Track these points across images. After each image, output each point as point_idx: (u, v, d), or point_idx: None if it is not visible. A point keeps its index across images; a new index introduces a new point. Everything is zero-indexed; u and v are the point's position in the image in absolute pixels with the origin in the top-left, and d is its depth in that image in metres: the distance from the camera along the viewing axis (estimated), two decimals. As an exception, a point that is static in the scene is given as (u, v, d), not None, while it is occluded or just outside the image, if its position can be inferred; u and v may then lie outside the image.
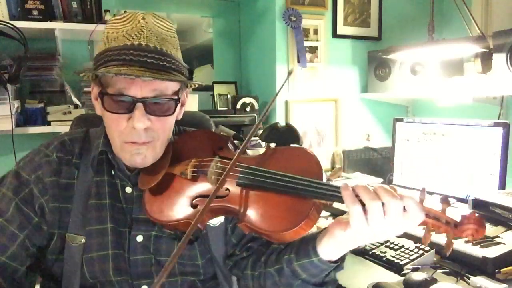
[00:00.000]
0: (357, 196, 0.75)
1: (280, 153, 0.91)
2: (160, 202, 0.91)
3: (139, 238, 0.96)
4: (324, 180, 0.82)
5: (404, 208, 0.73)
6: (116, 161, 0.98)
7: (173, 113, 0.92)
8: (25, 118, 1.91)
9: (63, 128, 1.86)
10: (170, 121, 0.94)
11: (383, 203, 0.73)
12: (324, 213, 1.76)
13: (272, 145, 1.76)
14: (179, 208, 0.89)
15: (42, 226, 0.94)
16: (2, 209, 0.92)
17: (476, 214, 0.75)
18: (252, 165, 0.87)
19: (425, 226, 0.77)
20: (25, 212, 0.93)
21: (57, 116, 1.91)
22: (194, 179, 0.91)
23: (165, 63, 0.87)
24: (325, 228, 0.86)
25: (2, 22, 1.71)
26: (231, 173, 0.84)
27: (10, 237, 0.91)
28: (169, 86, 0.90)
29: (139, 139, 0.89)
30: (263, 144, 1.98)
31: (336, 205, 0.84)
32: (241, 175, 0.86)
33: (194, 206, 0.88)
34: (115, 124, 0.90)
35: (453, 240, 0.76)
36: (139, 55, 0.84)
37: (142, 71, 0.84)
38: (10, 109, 1.75)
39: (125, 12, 0.94)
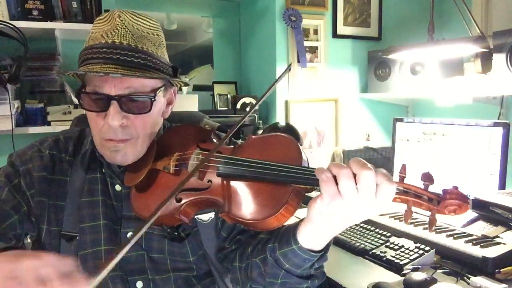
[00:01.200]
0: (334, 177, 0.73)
1: (260, 141, 0.91)
2: (146, 198, 0.92)
3: (130, 235, 0.95)
4: (305, 165, 0.81)
5: (377, 182, 0.70)
6: (104, 159, 0.98)
7: (149, 110, 0.91)
8: (25, 118, 1.91)
9: (63, 128, 1.86)
10: (150, 119, 0.93)
11: (354, 174, 0.71)
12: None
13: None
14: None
15: (30, 216, 0.95)
16: None
17: (458, 189, 0.73)
18: (231, 155, 0.88)
19: (406, 206, 0.75)
20: (16, 198, 0.94)
21: (57, 116, 1.91)
22: (177, 173, 0.91)
23: (139, 60, 0.87)
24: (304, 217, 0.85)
25: (2, 22, 1.71)
26: (212, 164, 0.85)
27: (3, 216, 0.91)
28: (147, 84, 0.90)
29: (115, 137, 0.89)
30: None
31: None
32: (219, 165, 0.85)
33: (178, 200, 0.87)
34: (93, 122, 0.91)
35: (436, 217, 0.73)
36: (112, 53, 0.85)
37: (114, 68, 0.84)
38: (10, 109, 1.75)
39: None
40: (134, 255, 0.96)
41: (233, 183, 0.85)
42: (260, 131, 2.10)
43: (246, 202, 0.82)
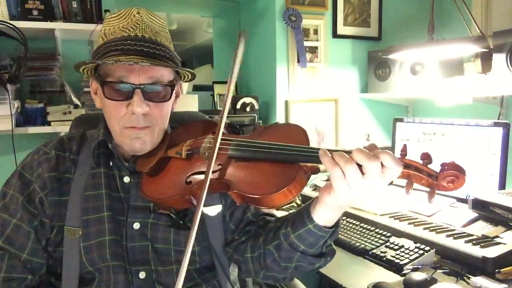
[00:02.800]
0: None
1: (268, 128, 0.98)
2: (156, 182, 0.96)
3: (136, 226, 0.99)
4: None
5: (382, 164, 0.74)
6: (116, 151, 1.02)
7: (169, 99, 0.98)
8: (25, 118, 1.91)
9: (63, 128, 1.87)
10: (167, 108, 1.00)
11: (359, 165, 0.75)
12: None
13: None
14: (174, 185, 0.94)
15: (44, 220, 0.98)
16: (13, 210, 0.97)
17: (456, 162, 0.77)
18: (241, 139, 0.93)
19: (407, 180, 0.79)
20: (30, 210, 0.97)
21: (57, 116, 1.91)
22: (189, 158, 0.97)
23: (160, 52, 0.94)
24: (316, 197, 0.88)
25: (2, 22, 1.71)
26: (223, 146, 0.90)
27: (25, 235, 0.96)
28: (165, 74, 0.96)
29: (138, 124, 0.94)
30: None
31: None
32: (231, 147, 0.91)
33: (188, 182, 0.92)
34: (115, 111, 0.95)
35: (436, 191, 0.78)
36: (136, 45, 0.91)
37: (140, 58, 0.90)
38: (10, 109, 1.75)
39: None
40: (138, 245, 0.99)
41: (243, 164, 0.89)
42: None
43: (255, 180, 0.86)
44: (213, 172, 0.88)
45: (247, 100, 2.37)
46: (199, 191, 0.87)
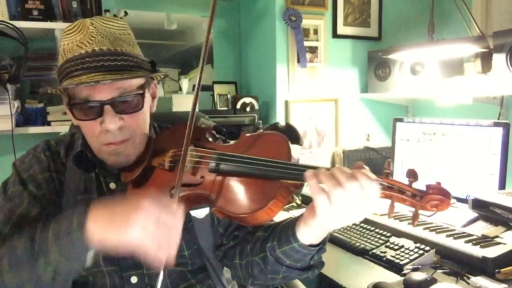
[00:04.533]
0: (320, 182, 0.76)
1: (251, 138, 0.94)
2: (141, 193, 0.93)
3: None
4: (294, 161, 0.85)
5: (361, 185, 0.73)
6: (97, 160, 1.00)
7: (142, 107, 0.95)
8: (25, 118, 1.91)
9: (63, 128, 1.87)
10: (142, 116, 0.96)
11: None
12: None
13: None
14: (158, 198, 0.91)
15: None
16: (17, 200, 0.94)
17: (441, 185, 0.75)
18: (223, 151, 0.90)
19: (390, 200, 0.78)
20: (34, 204, 0.95)
21: (57, 116, 1.91)
22: (172, 169, 0.93)
23: (122, 62, 0.90)
24: (301, 214, 0.87)
25: (2, 22, 1.71)
26: (204, 160, 0.89)
27: (37, 214, 0.93)
28: (134, 83, 0.93)
29: (114, 139, 0.92)
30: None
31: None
32: (211, 161, 0.88)
33: (171, 195, 0.89)
34: (89, 130, 0.93)
35: (419, 212, 0.76)
36: (94, 61, 0.87)
37: (102, 75, 0.87)
38: (10, 109, 1.75)
39: (76, 19, 0.97)
40: None
41: (224, 179, 0.87)
42: (260, 132, 2.10)
43: (236, 197, 0.84)
44: (194, 185, 0.88)
45: (247, 100, 2.37)
46: (183, 205, 0.84)
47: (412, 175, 0.77)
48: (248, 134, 0.95)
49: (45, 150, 1.02)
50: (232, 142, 1.01)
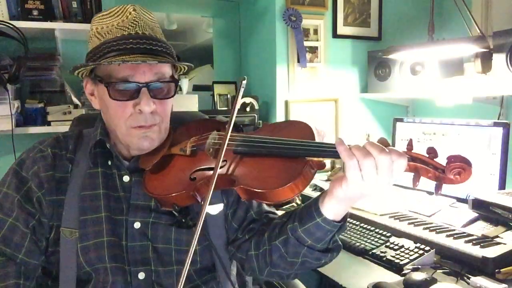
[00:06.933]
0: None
1: (273, 125, 0.99)
2: (160, 179, 0.96)
3: (137, 225, 0.98)
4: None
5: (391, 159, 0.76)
6: (114, 151, 1.01)
7: (173, 94, 0.99)
8: (25, 118, 1.91)
9: (63, 128, 1.86)
10: (170, 104, 1.01)
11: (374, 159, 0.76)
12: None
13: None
14: (178, 181, 0.94)
15: (42, 219, 0.97)
16: (8, 208, 0.96)
17: (462, 155, 0.78)
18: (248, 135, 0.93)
19: (414, 173, 0.80)
20: (27, 209, 0.96)
21: (57, 116, 1.91)
22: (193, 154, 0.97)
23: (162, 48, 0.94)
24: (325, 191, 0.88)
25: (2, 22, 1.71)
26: (229, 142, 0.90)
27: (21, 235, 0.95)
28: (167, 70, 0.97)
29: (145, 123, 0.94)
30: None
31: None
32: (237, 142, 0.91)
33: (192, 179, 0.92)
34: (121, 112, 0.94)
35: (443, 185, 0.79)
36: (138, 43, 0.91)
37: (145, 57, 0.90)
38: (10, 109, 1.75)
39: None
40: (138, 245, 0.98)
41: (249, 159, 0.89)
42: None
43: (261, 175, 0.86)
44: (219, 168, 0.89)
45: (247, 100, 2.37)
46: (204, 187, 0.88)
47: (433, 151, 0.79)
48: (268, 123, 1.00)
49: (52, 145, 1.03)
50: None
